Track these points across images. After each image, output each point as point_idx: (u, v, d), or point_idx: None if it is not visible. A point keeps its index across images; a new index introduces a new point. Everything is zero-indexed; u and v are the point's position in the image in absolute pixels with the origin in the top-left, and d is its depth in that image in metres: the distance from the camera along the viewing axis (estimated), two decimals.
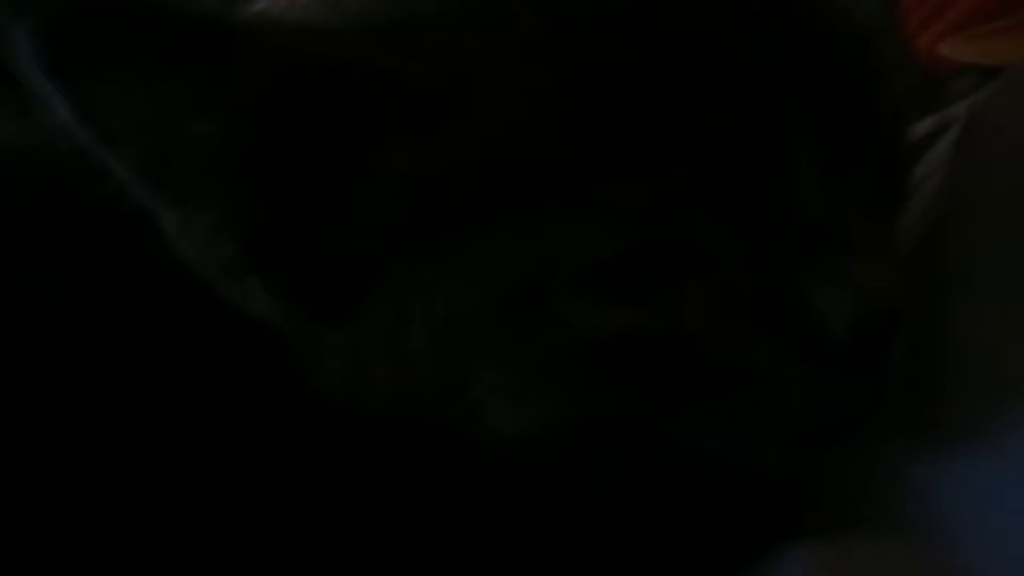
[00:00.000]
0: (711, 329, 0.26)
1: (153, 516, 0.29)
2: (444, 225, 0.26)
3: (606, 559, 0.30)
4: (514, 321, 0.26)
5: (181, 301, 0.30)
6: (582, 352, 0.26)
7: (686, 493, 0.30)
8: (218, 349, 0.30)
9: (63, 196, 0.32)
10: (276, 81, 0.26)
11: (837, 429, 0.28)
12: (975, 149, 0.35)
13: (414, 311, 0.27)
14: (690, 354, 0.26)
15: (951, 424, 0.29)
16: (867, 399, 0.27)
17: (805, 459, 0.29)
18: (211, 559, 0.29)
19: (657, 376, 0.27)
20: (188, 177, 0.26)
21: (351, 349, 0.29)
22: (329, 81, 0.26)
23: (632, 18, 0.26)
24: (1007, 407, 0.28)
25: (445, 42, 0.26)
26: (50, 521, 0.29)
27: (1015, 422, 0.27)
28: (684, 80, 0.26)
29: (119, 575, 0.29)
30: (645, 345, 0.26)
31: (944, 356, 0.29)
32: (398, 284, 0.27)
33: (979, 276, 0.30)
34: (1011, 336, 0.29)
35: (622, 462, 0.29)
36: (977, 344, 0.29)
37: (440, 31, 0.27)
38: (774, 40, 0.26)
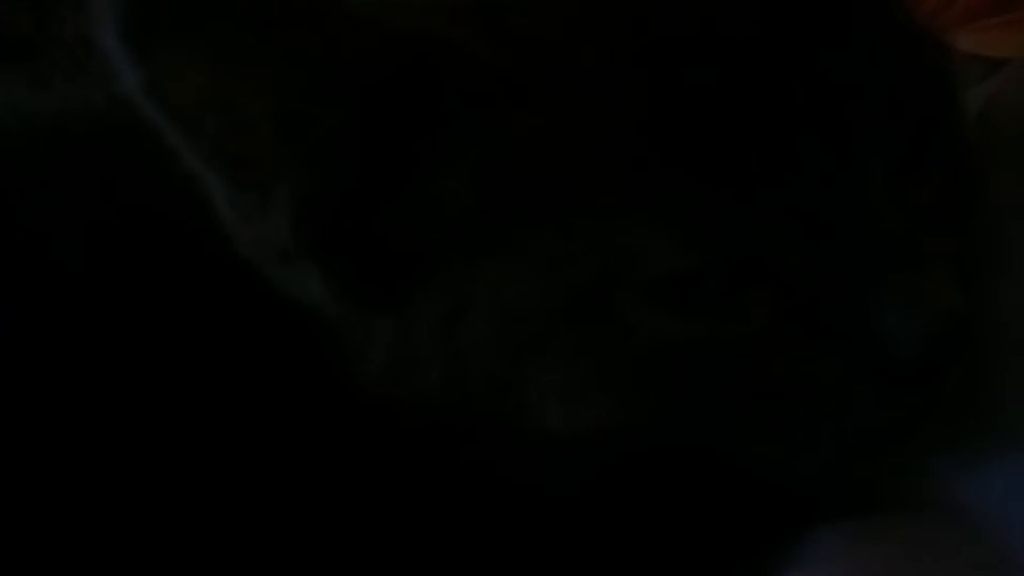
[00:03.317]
0: (776, 341, 0.26)
1: (188, 499, 0.29)
2: (515, 218, 0.26)
3: (639, 546, 0.30)
4: (579, 322, 0.26)
5: (218, 281, 0.30)
6: (646, 358, 0.26)
7: (721, 481, 0.30)
8: (258, 333, 0.30)
9: (86, 166, 0.32)
10: (355, 56, 0.25)
11: (891, 439, 0.28)
12: (990, 136, 0.35)
13: (474, 304, 0.27)
14: (753, 365, 0.26)
15: (994, 425, 0.29)
16: (923, 412, 0.28)
17: (854, 467, 0.29)
18: (245, 539, 0.29)
19: (719, 385, 0.27)
20: (254, 156, 0.26)
21: (400, 338, 0.28)
22: (410, 59, 0.26)
23: (721, 28, 0.26)
24: None
25: (530, 28, 0.26)
26: (75, 495, 0.29)
27: None
28: (768, 93, 0.25)
29: (153, 552, 0.29)
30: (709, 354, 0.26)
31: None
32: (459, 275, 0.27)
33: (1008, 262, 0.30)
34: None
35: (667, 461, 0.29)
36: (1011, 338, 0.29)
37: (525, 15, 0.26)
38: (854, 54, 0.26)
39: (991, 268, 0.29)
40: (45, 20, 0.43)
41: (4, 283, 0.30)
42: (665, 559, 0.30)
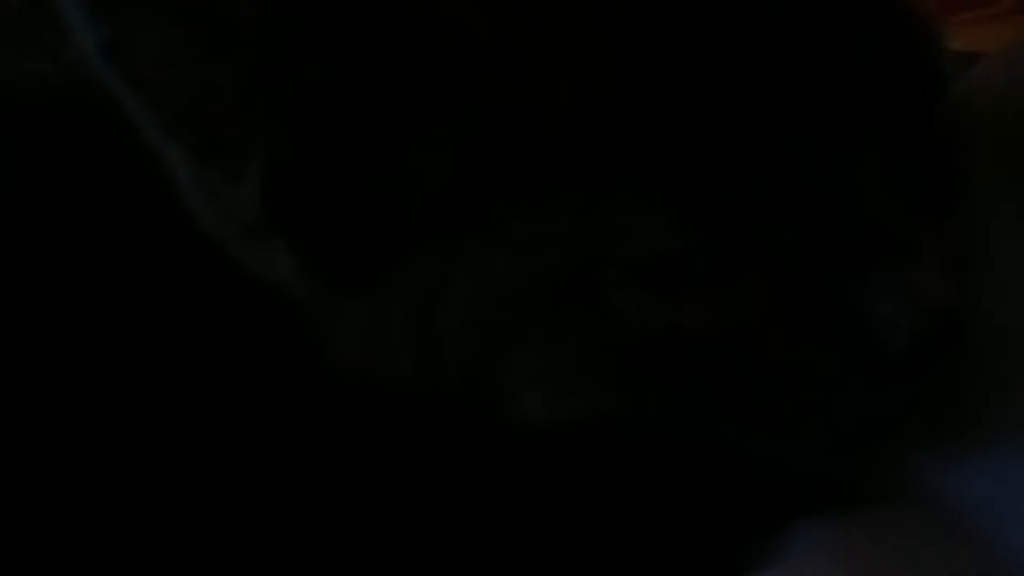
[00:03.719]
0: (764, 328, 0.26)
1: (160, 493, 0.28)
2: (496, 194, 0.25)
3: (620, 537, 0.29)
4: (561, 306, 0.25)
5: (178, 261, 0.28)
6: (630, 344, 0.25)
7: (705, 471, 0.29)
8: (220, 317, 0.28)
9: (34, 137, 0.30)
10: (331, 13, 0.24)
11: (877, 431, 0.27)
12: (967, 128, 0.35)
13: (451, 286, 0.26)
14: (741, 352, 0.26)
15: (976, 421, 0.29)
16: (911, 403, 0.27)
17: (841, 459, 0.29)
18: (220, 537, 0.28)
19: (705, 373, 0.26)
20: (221, 123, 0.25)
21: (373, 322, 0.27)
22: (389, 17, 0.24)
23: (716, 10, 0.25)
24: None
25: None
26: (60, 488, 0.27)
27: None
28: (762, 74, 0.25)
29: (129, 551, 0.28)
30: (696, 340, 0.25)
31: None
32: (436, 255, 0.26)
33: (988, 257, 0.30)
34: None
35: (649, 450, 0.28)
36: (995, 327, 0.29)
37: None
38: (845, 41, 0.26)
39: (973, 261, 0.29)
40: None
41: None
42: (648, 549, 0.29)
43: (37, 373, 0.27)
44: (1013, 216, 0.30)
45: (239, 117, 0.25)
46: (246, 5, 0.24)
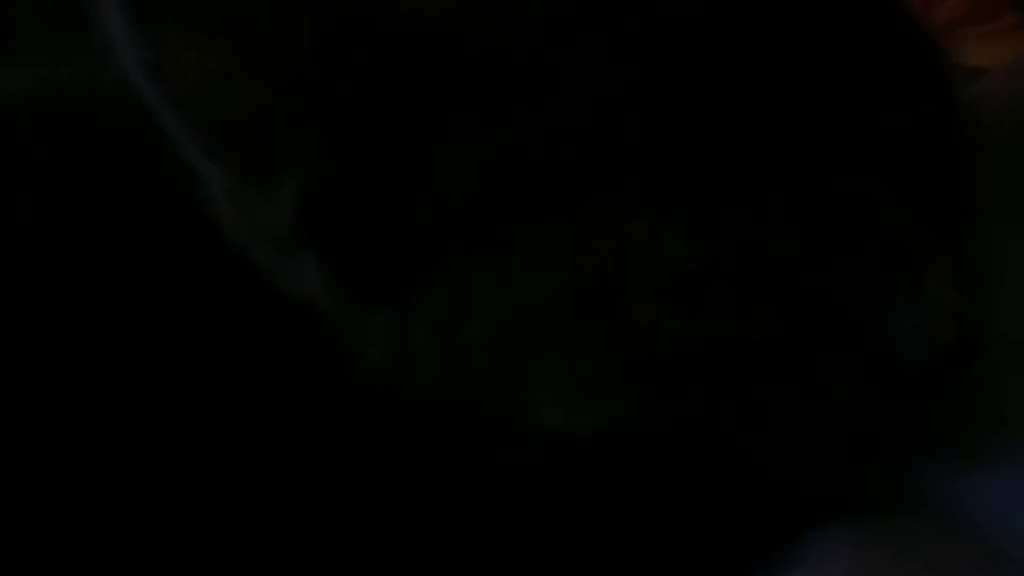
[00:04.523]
0: (782, 341, 0.26)
1: (185, 495, 0.28)
2: (522, 211, 0.26)
3: (637, 544, 0.30)
4: (584, 320, 0.26)
5: (207, 272, 0.29)
6: (651, 357, 0.26)
7: (721, 479, 0.29)
8: (248, 327, 0.29)
9: (62, 147, 0.31)
10: (365, 36, 0.25)
11: (893, 442, 0.28)
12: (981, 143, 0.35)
13: (475, 300, 0.27)
14: (758, 365, 0.26)
15: (992, 433, 0.29)
16: (926, 416, 0.27)
17: (857, 469, 0.29)
18: (239, 533, 0.29)
19: (724, 385, 0.26)
20: (257, 141, 0.25)
21: (398, 334, 0.28)
22: (419, 39, 0.25)
23: (735, 28, 0.25)
24: None
25: (541, 14, 0.25)
26: (55, 491, 0.28)
27: None
28: (780, 94, 0.25)
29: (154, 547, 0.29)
30: (715, 353, 0.26)
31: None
32: (461, 270, 0.27)
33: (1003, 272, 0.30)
34: None
35: (667, 458, 0.28)
36: (1011, 343, 0.29)
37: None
38: (858, 62, 0.26)
39: (985, 273, 0.29)
40: None
41: None
42: (664, 557, 0.30)
43: (78, 377, 0.28)
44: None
45: (276, 137, 0.25)
46: (285, 31, 0.24)
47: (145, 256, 0.29)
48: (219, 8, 0.24)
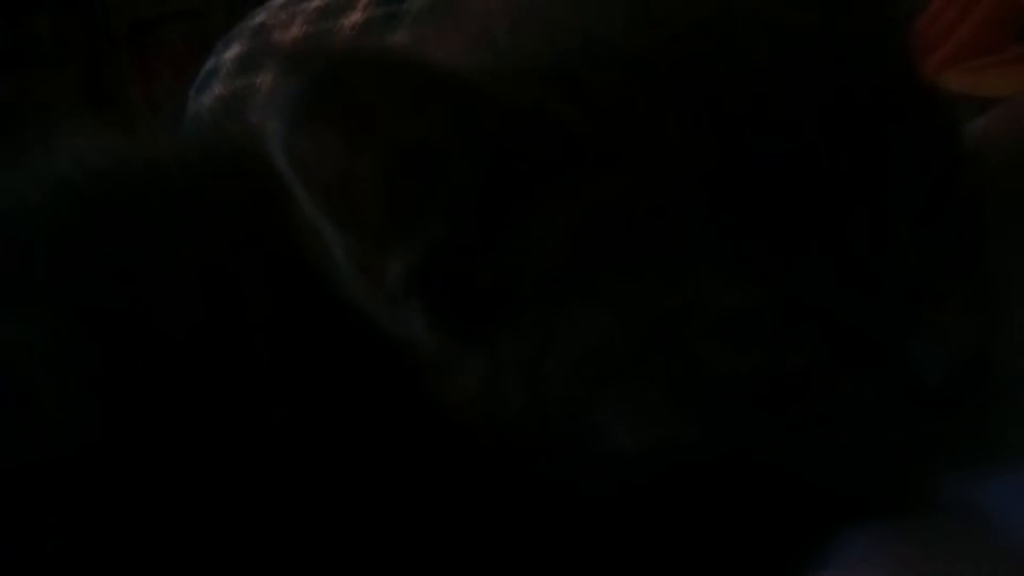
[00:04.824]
0: (820, 371, 0.30)
1: (298, 508, 0.33)
2: (600, 266, 0.30)
3: (689, 544, 0.34)
4: (652, 357, 0.30)
5: (326, 319, 0.33)
6: (709, 387, 0.30)
7: (763, 487, 0.33)
8: (360, 365, 0.33)
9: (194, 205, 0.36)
10: (465, 130, 0.29)
11: (917, 455, 0.32)
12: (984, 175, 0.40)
13: (557, 341, 0.31)
14: (801, 391, 0.30)
15: (1005, 440, 0.33)
16: (944, 429, 0.32)
17: (885, 477, 0.33)
18: (347, 534, 0.33)
19: (771, 408, 0.31)
20: (377, 219, 0.30)
21: (489, 370, 0.32)
22: (511, 127, 0.29)
23: (780, 107, 0.30)
24: None
25: (618, 101, 0.30)
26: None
27: None
28: (819, 162, 0.29)
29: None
30: (764, 382, 0.30)
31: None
32: (546, 315, 0.31)
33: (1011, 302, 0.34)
34: None
35: (716, 470, 0.32)
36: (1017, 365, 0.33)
37: (615, 89, 0.30)
38: (888, 131, 0.30)
39: (999, 301, 0.33)
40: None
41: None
42: (711, 556, 0.34)
43: (229, 390, 0.34)
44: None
45: (396, 215, 0.30)
46: (409, 132, 0.29)
47: (271, 304, 0.34)
48: (358, 116, 0.29)
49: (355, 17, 0.94)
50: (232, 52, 0.95)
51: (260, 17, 0.96)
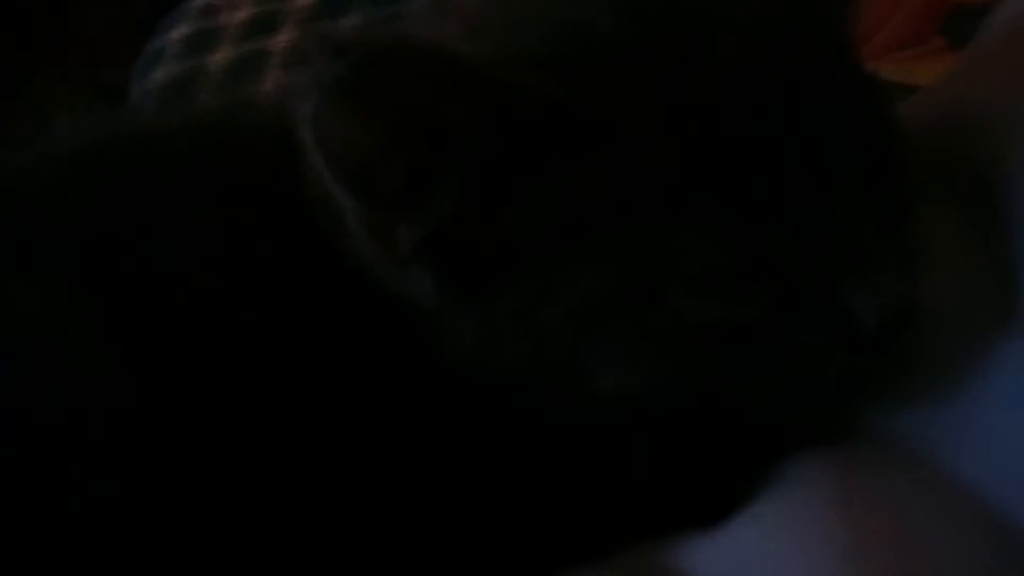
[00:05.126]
0: (774, 319, 0.35)
1: (317, 432, 0.38)
2: (591, 228, 0.35)
3: (660, 468, 0.39)
4: (635, 308, 0.35)
5: (338, 280, 0.38)
6: (684, 333, 0.35)
7: (722, 422, 0.38)
8: (367, 319, 0.38)
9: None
10: (471, 108, 0.33)
11: (856, 390, 0.37)
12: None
13: (550, 294, 0.35)
14: (759, 337, 0.35)
15: (928, 381, 0.38)
16: (881, 370, 0.37)
17: (826, 413, 0.39)
18: (355, 474, 0.37)
19: (733, 352, 0.36)
20: (390, 188, 0.34)
21: (488, 321, 0.36)
22: (518, 108, 0.33)
23: (748, 94, 0.34)
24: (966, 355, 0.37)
25: (612, 84, 0.34)
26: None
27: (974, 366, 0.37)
28: (780, 141, 0.34)
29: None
30: (728, 329, 0.35)
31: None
32: (540, 271, 0.35)
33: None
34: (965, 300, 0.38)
35: (686, 408, 0.37)
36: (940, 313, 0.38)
37: (609, 72, 0.34)
38: (830, 113, 0.35)
39: (922, 262, 0.39)
40: None
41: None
42: (683, 478, 0.39)
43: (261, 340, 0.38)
44: (950, 227, 0.41)
45: (407, 185, 0.34)
46: (419, 115, 0.33)
47: (289, 264, 0.38)
48: (386, 100, 0.33)
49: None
50: (178, 33, 0.97)
51: None
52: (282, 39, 0.98)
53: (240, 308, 0.38)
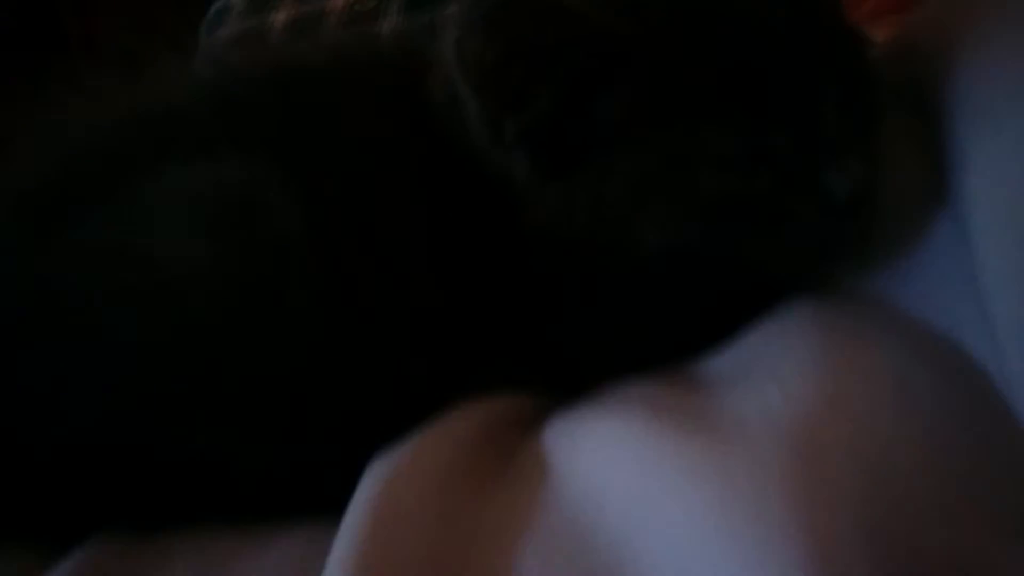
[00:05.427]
0: (774, 192, 0.49)
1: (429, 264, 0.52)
2: (643, 125, 0.49)
3: (685, 309, 0.54)
4: (673, 183, 0.49)
5: (454, 163, 0.52)
6: (709, 202, 0.49)
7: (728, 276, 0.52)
8: (472, 194, 0.52)
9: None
10: (568, 37, 0.48)
11: (833, 251, 0.51)
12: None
13: (614, 175, 0.49)
14: (762, 205, 0.49)
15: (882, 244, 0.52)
16: (849, 235, 0.51)
17: (814, 268, 0.53)
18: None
19: (743, 216, 0.49)
20: (508, 90, 0.48)
21: (565, 196, 0.50)
22: (591, 38, 0.48)
23: (754, 27, 0.48)
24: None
25: (656, 18, 0.48)
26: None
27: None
28: (780, 69, 0.48)
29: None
30: (741, 198, 0.49)
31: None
32: (606, 158, 0.49)
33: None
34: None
35: (709, 267, 0.51)
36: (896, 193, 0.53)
37: (654, 10, 0.48)
38: (813, 45, 0.49)
39: (881, 159, 0.52)
40: None
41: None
42: (699, 315, 0.54)
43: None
44: (901, 134, 0.54)
45: (519, 94, 0.48)
46: (525, 41, 0.48)
47: (418, 150, 0.53)
48: (508, 30, 0.47)
49: None
50: None
51: None
52: (339, 2, 1.13)
53: (385, 180, 0.53)
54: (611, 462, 0.43)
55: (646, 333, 0.53)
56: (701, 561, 0.34)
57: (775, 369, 0.46)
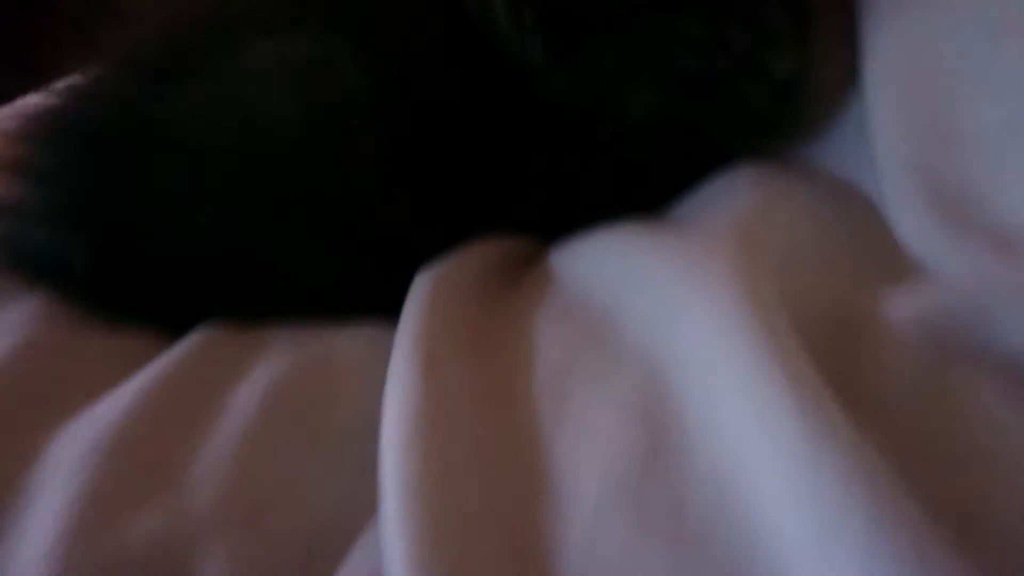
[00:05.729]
0: (730, 73, 0.64)
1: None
2: (635, 14, 0.63)
3: (653, 171, 0.69)
4: (656, 61, 0.64)
5: (480, 49, 0.66)
6: (680, 78, 0.64)
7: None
8: (496, 71, 0.66)
9: None
10: None
11: (774, 122, 0.67)
12: None
13: (611, 54, 0.64)
14: (721, 83, 0.65)
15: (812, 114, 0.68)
16: (786, 108, 0.67)
17: (757, 138, 0.68)
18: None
19: (707, 92, 0.65)
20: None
21: (572, 73, 0.65)
22: None
23: None
24: None
25: None
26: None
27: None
28: None
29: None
30: (705, 76, 0.64)
31: None
32: (603, 42, 0.64)
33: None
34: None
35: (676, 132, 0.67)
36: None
37: None
38: None
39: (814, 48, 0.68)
40: None
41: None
42: (667, 173, 0.69)
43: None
44: (833, 26, 0.68)
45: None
46: None
47: (456, 38, 0.68)
48: None
49: None
50: None
51: None
52: None
53: (430, 57, 0.67)
54: (601, 257, 0.59)
55: (628, 186, 0.69)
56: (667, 301, 0.50)
57: (726, 203, 0.63)
